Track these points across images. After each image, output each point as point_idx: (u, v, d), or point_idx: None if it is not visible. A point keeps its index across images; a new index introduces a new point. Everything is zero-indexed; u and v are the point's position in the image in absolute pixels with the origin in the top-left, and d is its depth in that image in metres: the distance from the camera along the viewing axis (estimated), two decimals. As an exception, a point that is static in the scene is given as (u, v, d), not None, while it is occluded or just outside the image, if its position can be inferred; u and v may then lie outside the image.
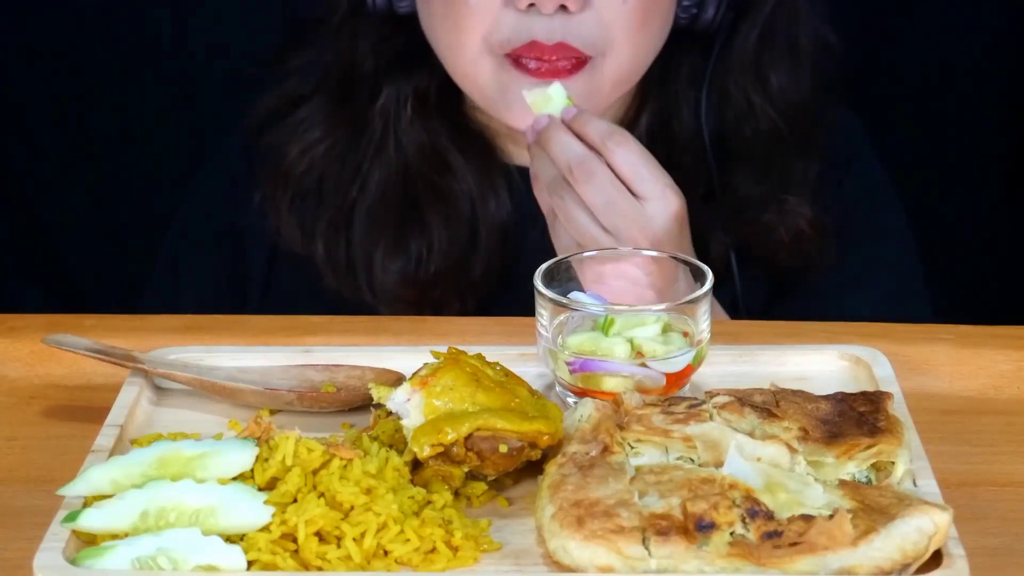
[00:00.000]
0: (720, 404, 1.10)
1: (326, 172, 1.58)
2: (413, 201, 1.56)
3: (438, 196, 1.56)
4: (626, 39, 1.46)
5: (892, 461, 1.07)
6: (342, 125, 1.58)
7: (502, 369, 1.13)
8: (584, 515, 1.00)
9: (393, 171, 1.57)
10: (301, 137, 1.59)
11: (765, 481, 1.03)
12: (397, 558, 1.02)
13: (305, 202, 1.59)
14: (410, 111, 1.56)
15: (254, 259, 1.64)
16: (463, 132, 1.59)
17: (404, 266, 1.55)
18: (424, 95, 1.57)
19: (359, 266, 1.57)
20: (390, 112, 1.57)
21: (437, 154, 1.57)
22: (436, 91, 1.57)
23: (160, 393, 1.22)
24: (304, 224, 1.59)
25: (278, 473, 1.05)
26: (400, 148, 1.56)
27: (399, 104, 1.56)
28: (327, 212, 1.58)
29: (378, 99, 1.57)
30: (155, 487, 1.04)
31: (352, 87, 1.58)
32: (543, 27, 1.44)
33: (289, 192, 1.59)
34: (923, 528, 0.98)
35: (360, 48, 1.57)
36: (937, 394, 1.25)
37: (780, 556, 0.97)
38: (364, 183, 1.57)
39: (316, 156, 1.58)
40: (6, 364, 1.30)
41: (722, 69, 1.57)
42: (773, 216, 1.56)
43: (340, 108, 1.58)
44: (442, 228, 1.55)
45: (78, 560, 1.00)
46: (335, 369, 1.22)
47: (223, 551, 1.00)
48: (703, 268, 1.21)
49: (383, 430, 1.13)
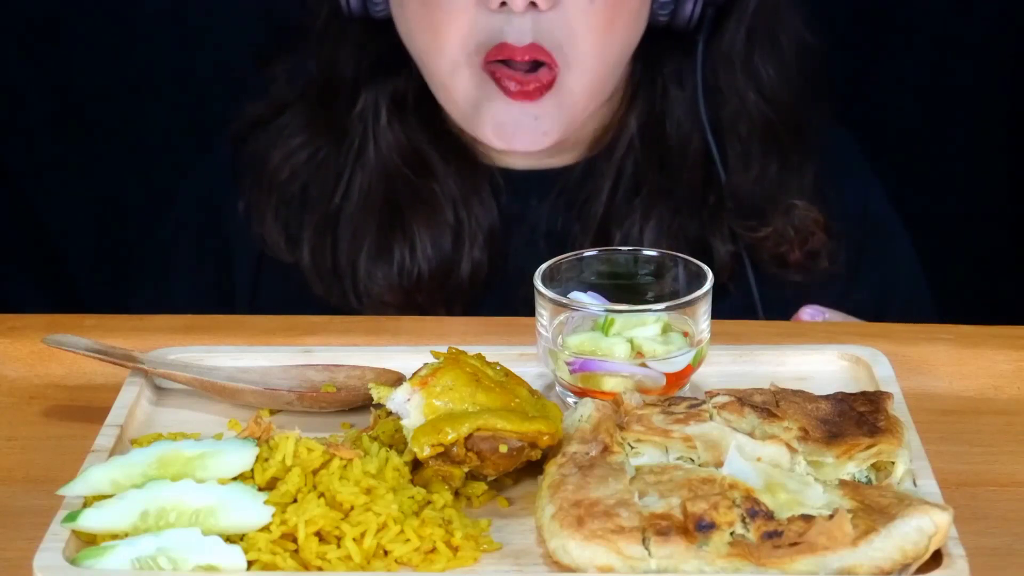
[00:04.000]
0: (720, 404, 1.10)
1: (309, 179, 1.59)
2: (395, 206, 1.56)
3: (420, 200, 1.56)
4: (592, 41, 1.46)
5: (892, 461, 1.07)
6: (323, 131, 1.59)
7: (502, 369, 1.13)
8: (584, 515, 1.00)
9: (374, 176, 1.57)
10: (283, 144, 1.59)
11: (765, 481, 1.03)
12: (397, 558, 1.02)
13: (289, 209, 1.59)
14: (386, 116, 1.56)
15: (241, 267, 1.65)
16: (444, 136, 1.59)
17: (388, 271, 1.55)
18: (402, 100, 1.57)
19: (344, 272, 1.57)
20: (368, 117, 1.57)
21: (418, 158, 1.57)
22: (414, 95, 1.57)
23: (160, 393, 1.22)
24: (289, 231, 1.59)
25: (278, 473, 1.05)
26: (380, 153, 1.56)
27: (377, 109, 1.56)
28: (312, 219, 1.58)
29: (357, 104, 1.57)
30: (155, 487, 1.04)
31: (332, 93, 1.58)
32: (514, 28, 1.44)
33: (273, 199, 1.59)
34: (923, 528, 0.98)
35: (340, 54, 1.58)
36: (937, 394, 1.25)
37: (780, 556, 0.97)
38: (347, 189, 1.57)
39: (298, 163, 1.59)
40: (6, 364, 1.30)
41: (712, 67, 1.57)
42: (782, 219, 1.56)
43: (321, 114, 1.59)
44: (425, 232, 1.55)
45: (78, 560, 1.00)
46: (335, 369, 1.22)
47: (223, 551, 1.00)
48: (703, 268, 1.21)
49: (383, 430, 1.13)
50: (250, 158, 1.61)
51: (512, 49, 1.45)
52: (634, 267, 1.24)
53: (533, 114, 1.48)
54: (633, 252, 1.25)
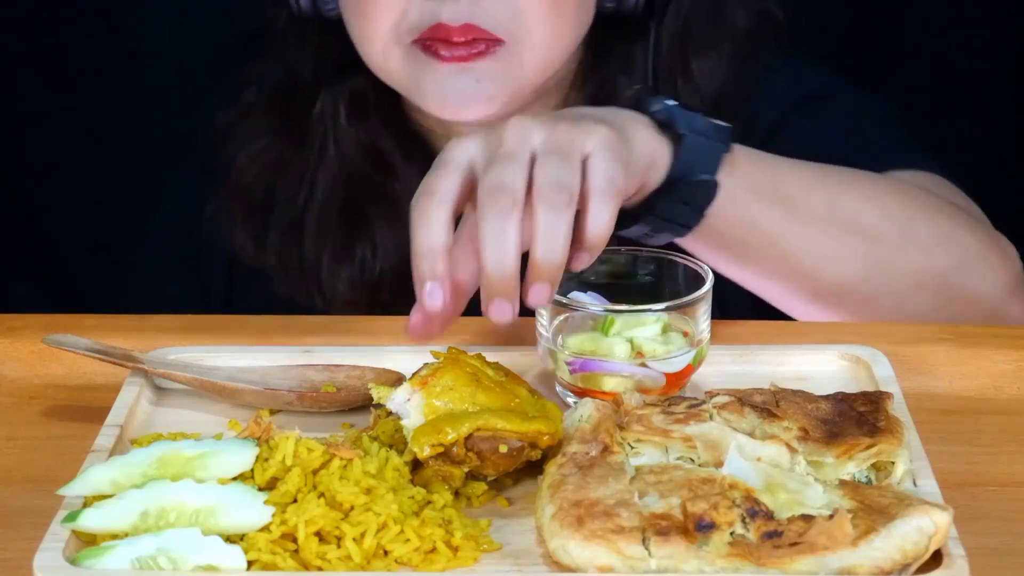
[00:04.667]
0: (720, 404, 1.10)
1: (275, 182, 1.59)
2: (357, 205, 1.56)
3: (381, 199, 1.56)
4: (541, 22, 1.45)
5: (892, 461, 1.07)
6: (286, 134, 1.59)
7: (502, 369, 1.13)
8: (584, 515, 1.00)
9: (336, 177, 1.57)
10: (248, 147, 1.60)
11: (765, 481, 1.03)
12: (397, 558, 1.02)
13: (256, 213, 1.59)
14: (345, 116, 1.56)
15: (214, 271, 1.65)
16: (404, 133, 1.59)
17: (351, 270, 1.56)
18: (361, 98, 1.57)
19: (310, 272, 1.57)
20: (328, 118, 1.57)
21: (378, 156, 1.57)
22: (375, 94, 1.57)
23: (160, 393, 1.22)
24: (256, 235, 1.59)
25: (278, 473, 1.05)
26: (341, 153, 1.57)
27: (336, 109, 1.57)
28: (278, 221, 1.58)
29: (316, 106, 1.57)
30: (155, 487, 1.04)
31: (294, 96, 1.58)
32: (449, 9, 1.43)
33: (240, 203, 1.59)
34: (923, 528, 0.98)
35: (299, 56, 1.58)
36: (937, 394, 1.25)
37: (780, 556, 0.97)
38: (311, 190, 1.58)
39: (263, 165, 1.59)
40: (6, 364, 1.30)
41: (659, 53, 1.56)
42: None
43: (284, 117, 1.59)
44: (385, 230, 1.55)
45: (78, 560, 1.00)
46: (335, 369, 1.22)
47: (223, 551, 1.00)
48: (703, 268, 1.21)
49: (383, 430, 1.13)
50: (218, 163, 1.61)
51: (448, 29, 1.44)
52: (634, 267, 1.24)
53: (474, 77, 1.46)
54: (633, 252, 1.25)
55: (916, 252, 1.36)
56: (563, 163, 1.10)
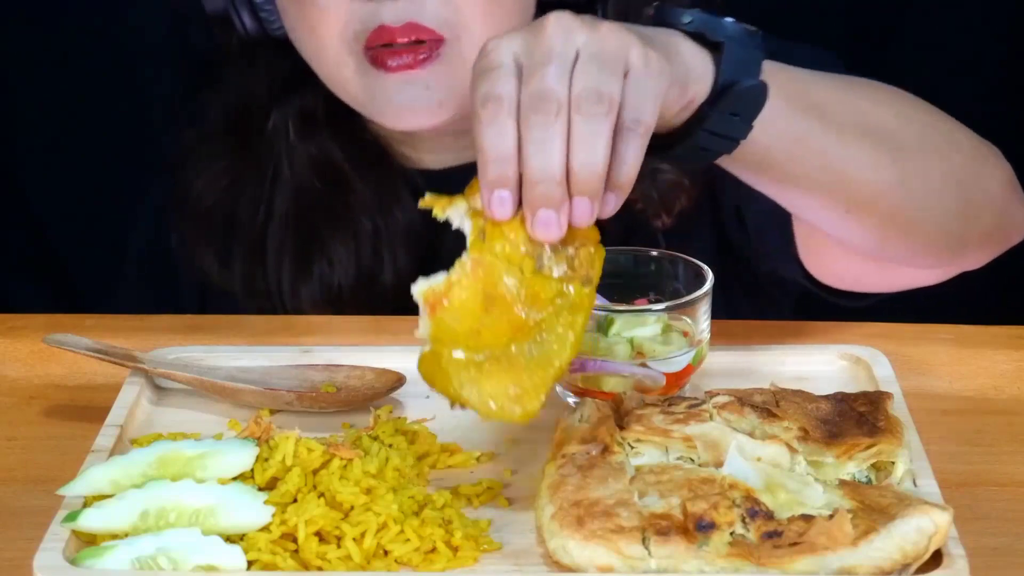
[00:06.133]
0: (720, 404, 1.10)
1: (234, 204, 1.59)
2: (311, 222, 1.56)
3: (335, 214, 1.56)
4: (479, 14, 1.45)
5: (892, 461, 1.07)
6: (243, 156, 1.59)
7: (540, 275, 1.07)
8: (584, 515, 1.00)
9: (290, 195, 1.57)
10: (206, 171, 1.60)
11: (765, 481, 1.03)
12: (397, 558, 1.02)
13: (218, 236, 1.59)
14: (295, 133, 1.56)
15: (185, 294, 1.65)
16: (359, 146, 1.58)
17: (310, 287, 1.55)
18: (310, 114, 1.57)
19: (273, 293, 1.57)
20: (279, 137, 1.57)
21: (332, 172, 1.57)
22: (324, 109, 1.57)
23: (160, 393, 1.22)
24: (220, 258, 1.59)
25: (278, 473, 1.05)
26: (294, 171, 1.57)
27: (286, 127, 1.57)
28: (240, 244, 1.58)
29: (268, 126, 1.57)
30: (155, 487, 1.04)
31: (248, 117, 1.58)
32: (389, 9, 1.44)
33: (202, 227, 1.59)
34: (923, 528, 0.98)
35: (251, 78, 1.58)
36: (937, 394, 1.25)
37: (780, 556, 0.97)
38: (268, 210, 1.58)
39: (221, 189, 1.59)
40: (6, 364, 1.30)
41: None
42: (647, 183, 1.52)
43: (240, 139, 1.59)
44: (341, 245, 1.55)
45: (78, 560, 1.00)
46: (335, 369, 1.22)
47: (223, 551, 1.00)
48: (703, 268, 1.21)
49: (383, 430, 1.13)
50: (180, 189, 1.62)
51: (391, 31, 1.44)
52: (634, 267, 1.24)
53: (423, 84, 1.46)
54: (633, 252, 1.25)
55: (934, 154, 1.35)
56: (603, 70, 1.07)
